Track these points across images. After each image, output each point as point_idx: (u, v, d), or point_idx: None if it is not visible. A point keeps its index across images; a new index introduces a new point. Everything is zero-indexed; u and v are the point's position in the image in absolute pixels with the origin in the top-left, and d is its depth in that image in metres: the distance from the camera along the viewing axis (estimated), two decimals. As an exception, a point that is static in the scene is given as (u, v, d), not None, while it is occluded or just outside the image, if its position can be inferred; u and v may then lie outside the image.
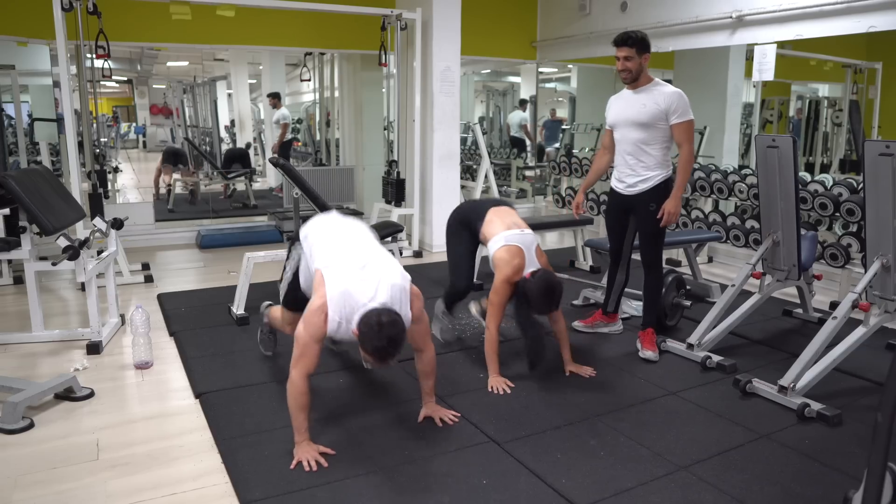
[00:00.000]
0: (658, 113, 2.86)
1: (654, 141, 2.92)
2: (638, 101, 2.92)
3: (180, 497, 1.95)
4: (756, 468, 2.10)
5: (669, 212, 2.90)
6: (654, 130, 2.90)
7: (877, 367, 2.87)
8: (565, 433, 2.32)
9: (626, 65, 2.87)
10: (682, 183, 2.93)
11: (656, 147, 2.92)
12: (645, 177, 2.96)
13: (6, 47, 5.09)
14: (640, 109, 2.91)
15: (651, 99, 2.88)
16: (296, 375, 2.06)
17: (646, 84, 2.92)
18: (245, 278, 3.55)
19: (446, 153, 5.46)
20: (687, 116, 2.87)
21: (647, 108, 2.89)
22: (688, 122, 2.88)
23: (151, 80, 9.70)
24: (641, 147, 2.94)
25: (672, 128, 2.89)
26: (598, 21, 5.82)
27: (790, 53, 4.73)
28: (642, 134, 2.92)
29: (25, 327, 3.30)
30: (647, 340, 3.07)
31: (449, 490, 1.95)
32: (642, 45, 2.86)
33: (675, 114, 2.85)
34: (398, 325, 1.97)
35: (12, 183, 2.93)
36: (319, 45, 6.19)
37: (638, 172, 2.97)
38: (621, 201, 3.07)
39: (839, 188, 4.03)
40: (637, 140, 2.94)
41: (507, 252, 2.68)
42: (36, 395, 2.45)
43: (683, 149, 2.90)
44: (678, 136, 2.89)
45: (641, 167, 2.96)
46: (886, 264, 2.60)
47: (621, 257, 3.23)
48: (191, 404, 2.58)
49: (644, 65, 2.89)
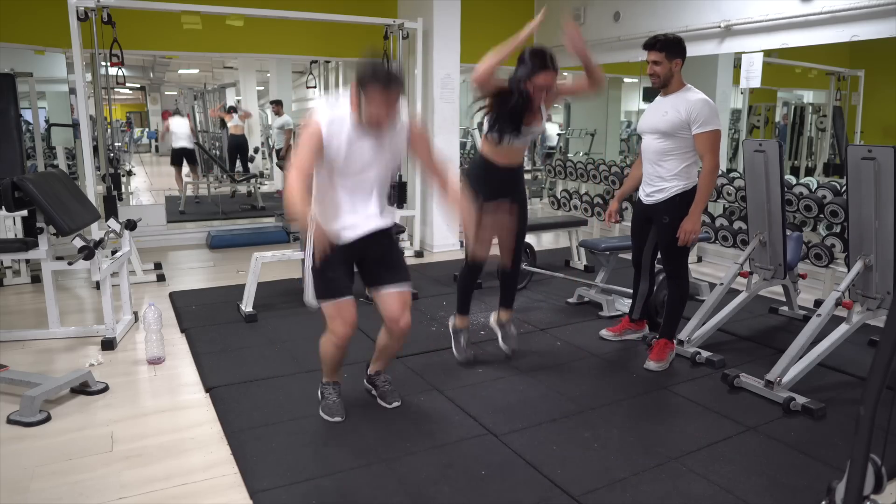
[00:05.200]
0: (679, 121, 2.67)
1: (675, 150, 2.72)
2: (662, 108, 2.74)
3: (191, 487, 1.98)
4: (743, 459, 2.15)
5: (686, 230, 2.70)
6: (675, 139, 2.71)
7: (859, 363, 2.90)
8: (560, 426, 2.37)
9: (654, 69, 2.70)
10: (702, 198, 2.69)
11: (676, 157, 2.73)
12: (661, 187, 2.79)
13: (24, 56, 5.19)
14: (661, 117, 2.73)
15: (673, 106, 2.69)
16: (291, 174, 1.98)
17: (676, 90, 2.72)
18: (253, 277, 3.61)
19: (446, 157, 5.54)
20: (710, 126, 2.63)
21: (667, 116, 2.70)
22: (711, 132, 2.64)
23: (163, 86, 9.81)
24: (661, 156, 2.76)
25: (694, 138, 2.67)
26: (592, 30, 5.89)
27: (776, 61, 4.78)
28: (663, 143, 2.74)
29: (42, 324, 3.36)
30: (654, 350, 2.94)
31: (448, 480, 2.00)
32: (673, 49, 2.67)
33: (697, 123, 2.63)
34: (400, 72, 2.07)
35: (30, 186, 2.99)
36: (325, 54, 6.26)
37: (655, 183, 2.81)
38: (642, 210, 2.93)
39: (823, 191, 4.09)
40: (658, 149, 2.76)
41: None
42: (53, 390, 2.48)
43: (705, 161, 2.67)
44: (700, 146, 2.67)
45: (659, 177, 2.79)
46: (869, 264, 2.64)
47: (641, 266, 3.13)
48: (201, 398, 2.63)
49: (675, 70, 2.69)
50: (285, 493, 1.93)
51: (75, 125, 5.73)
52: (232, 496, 1.96)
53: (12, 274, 4.39)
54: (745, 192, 3.20)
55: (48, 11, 4.68)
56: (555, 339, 3.28)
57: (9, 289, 4.26)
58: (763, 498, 1.94)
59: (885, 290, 2.64)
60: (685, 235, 2.72)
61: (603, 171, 5.89)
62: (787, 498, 1.95)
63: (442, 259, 5.34)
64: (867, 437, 1.12)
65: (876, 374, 1.10)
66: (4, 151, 4.67)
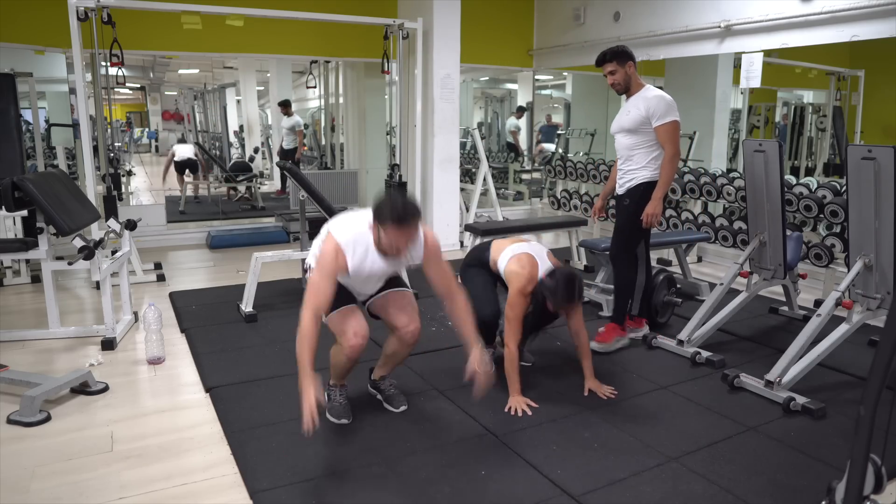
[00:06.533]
0: (640, 118, 2.92)
1: (640, 145, 2.98)
2: (626, 108, 3.01)
3: (191, 487, 1.98)
4: (743, 459, 2.15)
5: (648, 213, 2.94)
6: (640, 135, 2.97)
7: (859, 363, 2.91)
8: (560, 426, 2.37)
9: (613, 79, 2.96)
10: (664, 183, 2.94)
11: (642, 151, 2.98)
12: (631, 178, 3.04)
13: (24, 56, 5.21)
14: (625, 116, 2.99)
15: (634, 105, 2.95)
16: (305, 314, 1.97)
17: (636, 91, 2.98)
18: (253, 277, 3.62)
19: (446, 157, 5.55)
20: (668, 118, 2.88)
21: (630, 115, 2.96)
22: (668, 123, 2.89)
23: (163, 87, 9.82)
24: (630, 151, 3.02)
25: (655, 130, 2.93)
26: (592, 30, 5.90)
27: (776, 61, 4.80)
28: (630, 139, 3.00)
29: (42, 324, 3.36)
30: (603, 332, 3.09)
31: (449, 480, 2.00)
32: (622, 57, 2.93)
33: (656, 116, 2.89)
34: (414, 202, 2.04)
35: (30, 186, 2.99)
36: (325, 54, 6.27)
37: (627, 175, 3.06)
38: (618, 201, 3.14)
39: (823, 191, 4.10)
40: (626, 145, 3.03)
41: (517, 262, 2.55)
42: (53, 390, 2.48)
43: (666, 150, 2.93)
44: (660, 137, 2.92)
45: (629, 169, 3.04)
46: (868, 264, 2.64)
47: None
48: (201, 398, 2.63)
49: (630, 73, 2.95)
50: (285, 493, 1.93)
51: (75, 125, 5.74)
52: (232, 496, 1.96)
53: (12, 274, 4.39)
54: (745, 192, 3.20)
55: (48, 11, 4.68)
56: (554, 339, 3.28)
57: (9, 289, 4.26)
58: (763, 498, 1.94)
59: (885, 290, 2.64)
60: (647, 218, 2.94)
61: (603, 171, 5.90)
62: (787, 498, 1.95)
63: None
64: (867, 437, 1.13)
65: (876, 374, 1.10)
66: (4, 151, 4.67)
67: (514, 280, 2.52)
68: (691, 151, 5.78)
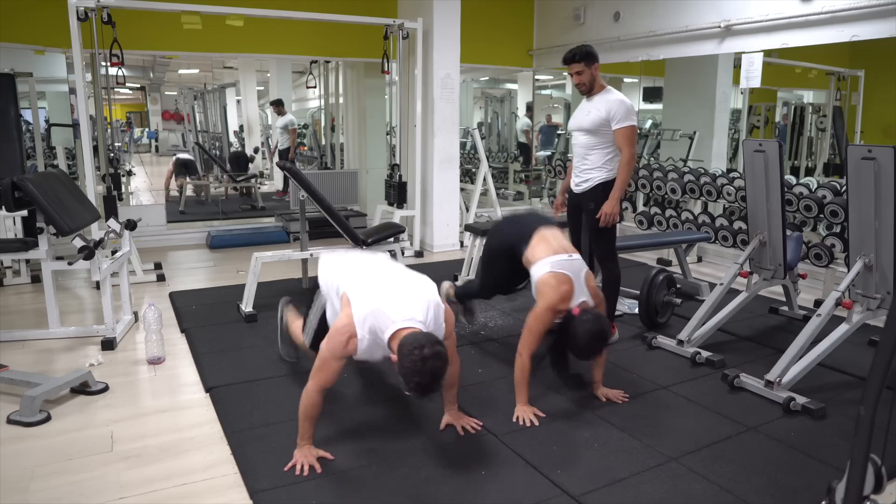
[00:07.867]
0: (600, 119, 2.98)
1: (598, 145, 3.04)
2: (586, 108, 3.08)
3: (191, 487, 1.98)
4: (743, 459, 2.15)
5: (606, 213, 3.02)
6: (598, 136, 3.03)
7: (859, 363, 2.91)
8: (560, 426, 2.37)
9: (580, 79, 3.02)
10: (620, 184, 3.01)
11: (599, 151, 3.05)
12: (587, 178, 3.10)
13: (24, 55, 5.19)
14: (585, 116, 3.06)
15: (595, 107, 3.01)
16: (311, 387, 2.03)
17: (598, 92, 3.04)
18: (253, 277, 3.62)
19: (446, 157, 5.55)
20: (626, 122, 2.95)
21: (590, 116, 3.02)
22: (626, 127, 2.96)
23: (163, 86, 9.81)
24: (587, 150, 3.09)
25: (614, 133, 2.98)
26: (593, 30, 5.90)
27: (776, 61, 4.78)
28: (588, 139, 3.07)
29: (42, 324, 3.36)
30: None
31: (449, 480, 2.00)
32: (589, 58, 2.98)
33: (615, 119, 2.96)
34: (441, 358, 1.85)
35: (30, 186, 3.00)
36: (325, 54, 6.27)
37: (582, 174, 3.13)
38: (574, 199, 3.23)
39: (823, 191, 4.09)
40: (584, 144, 3.09)
41: (554, 278, 2.44)
42: (53, 390, 2.49)
43: (623, 152, 2.99)
44: (618, 140, 2.98)
45: (585, 169, 3.11)
46: (868, 264, 2.65)
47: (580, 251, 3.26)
48: (201, 398, 2.64)
49: (595, 74, 3.02)
50: (285, 493, 1.94)
51: (75, 125, 5.73)
52: (232, 496, 1.96)
53: (12, 274, 4.39)
54: (745, 192, 3.20)
55: (48, 11, 4.68)
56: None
57: (9, 289, 4.26)
58: (763, 498, 1.94)
59: (885, 290, 2.64)
60: (605, 217, 3.03)
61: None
62: (787, 498, 1.95)
63: (442, 259, 5.35)
64: (867, 437, 1.13)
65: (876, 374, 1.10)
66: (4, 151, 4.67)
67: (548, 294, 2.43)
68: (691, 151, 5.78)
